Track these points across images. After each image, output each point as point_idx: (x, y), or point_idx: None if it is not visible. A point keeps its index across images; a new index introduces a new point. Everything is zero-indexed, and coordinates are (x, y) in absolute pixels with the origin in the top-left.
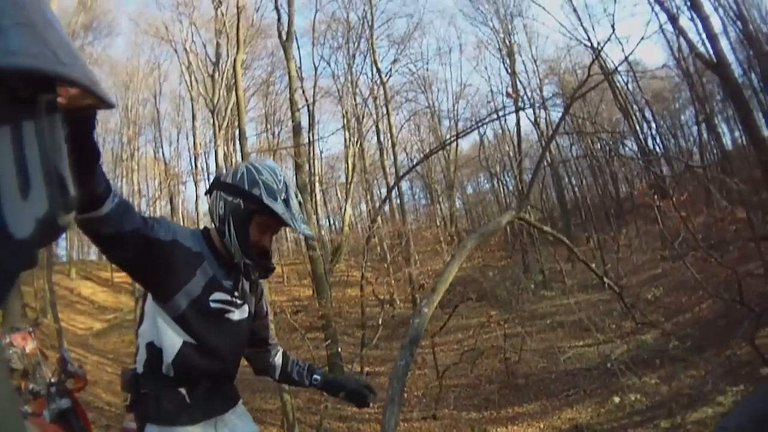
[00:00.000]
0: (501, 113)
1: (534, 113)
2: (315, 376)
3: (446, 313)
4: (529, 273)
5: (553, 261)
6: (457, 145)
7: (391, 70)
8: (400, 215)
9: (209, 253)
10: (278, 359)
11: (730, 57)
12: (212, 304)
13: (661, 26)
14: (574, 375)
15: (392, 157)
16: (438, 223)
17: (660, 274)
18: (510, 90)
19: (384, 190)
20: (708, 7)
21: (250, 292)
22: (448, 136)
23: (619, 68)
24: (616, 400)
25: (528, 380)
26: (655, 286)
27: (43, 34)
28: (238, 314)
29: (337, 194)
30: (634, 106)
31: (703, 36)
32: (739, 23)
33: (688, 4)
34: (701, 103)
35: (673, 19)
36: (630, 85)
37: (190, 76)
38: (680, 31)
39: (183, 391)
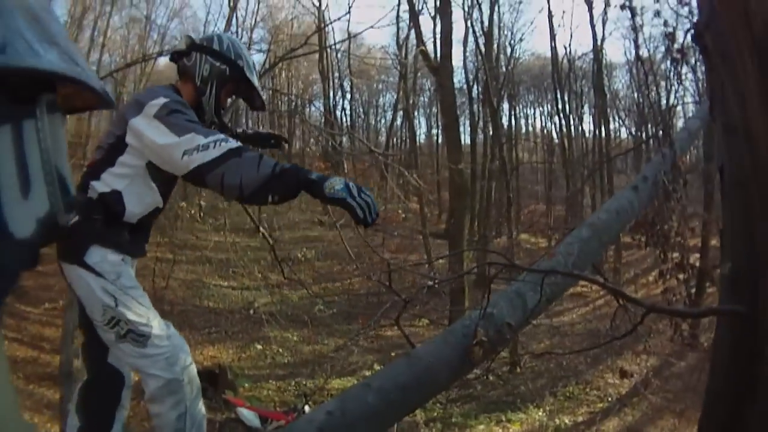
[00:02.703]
0: None
1: None
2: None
3: None
4: (187, 202)
5: (213, 197)
6: (154, 61)
7: None
8: (87, 116)
9: None
10: None
11: (460, 62)
12: None
13: (398, 14)
14: (217, 314)
15: (98, 57)
16: None
17: (316, 237)
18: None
19: None
20: (458, 14)
21: None
22: (152, 50)
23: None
24: (258, 347)
25: (173, 309)
26: (308, 247)
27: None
28: None
29: None
30: (336, 73)
31: (438, 37)
32: (482, 39)
33: (437, 4)
34: (405, 94)
35: (414, 13)
36: (339, 54)
37: None
38: (415, 25)
39: (126, 229)
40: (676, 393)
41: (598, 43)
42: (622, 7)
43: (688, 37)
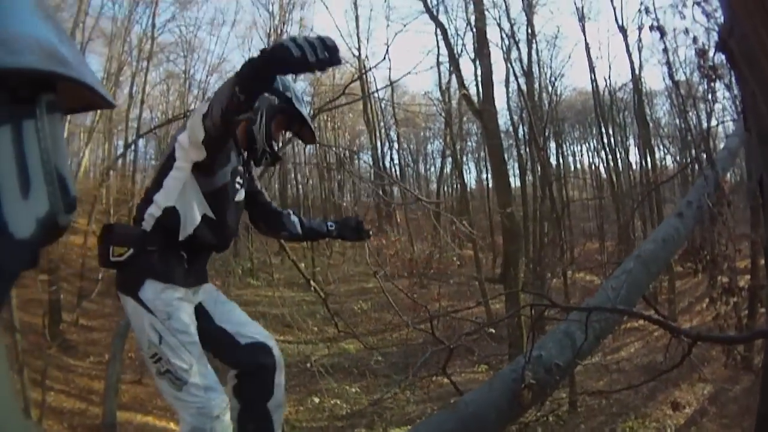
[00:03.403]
0: None
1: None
2: (329, 223)
3: None
4: (239, 258)
5: (263, 252)
6: None
7: (165, 26)
8: (131, 173)
9: (232, 141)
10: (295, 218)
11: (504, 104)
12: (234, 185)
13: (438, 59)
14: None
15: (138, 113)
16: None
17: (370, 288)
18: None
19: (122, 143)
20: (497, 54)
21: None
22: (193, 106)
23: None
24: (316, 400)
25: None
26: (364, 299)
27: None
28: (239, 196)
29: (80, 136)
30: (381, 123)
31: (479, 79)
32: (523, 79)
33: (475, 46)
34: (452, 139)
35: (453, 57)
36: (383, 103)
37: None
38: (455, 69)
39: (185, 256)
40: (733, 418)
41: (636, 71)
42: (651, 28)
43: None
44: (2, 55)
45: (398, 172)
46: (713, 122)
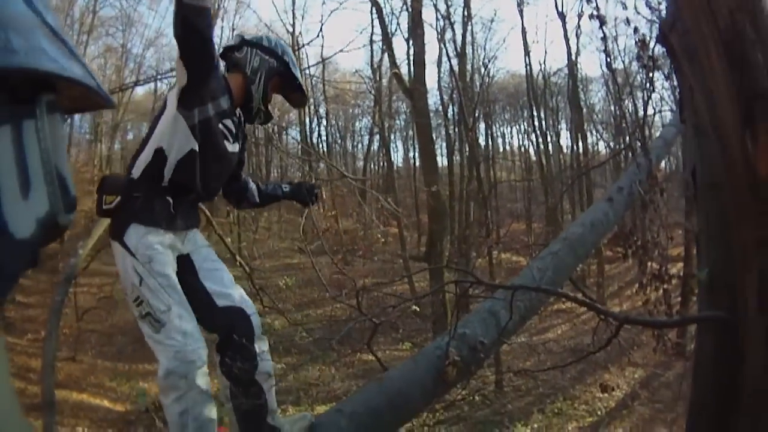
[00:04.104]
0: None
1: None
2: (285, 186)
3: (90, 256)
4: None
5: None
6: (132, 90)
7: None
8: (66, 145)
9: (226, 92)
10: (253, 186)
11: (435, 84)
12: (220, 126)
13: (371, 38)
14: None
15: None
16: (95, 163)
17: (296, 264)
18: None
19: None
20: (431, 35)
21: (241, 138)
22: (129, 80)
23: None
24: None
25: None
26: (288, 275)
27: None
28: (231, 147)
29: None
30: (311, 99)
31: (412, 59)
32: (456, 59)
33: (410, 26)
34: (381, 118)
35: (387, 36)
36: (313, 80)
37: None
38: (388, 48)
39: (170, 200)
40: (666, 403)
41: (573, 57)
42: (591, 16)
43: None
44: (2, 55)
45: (326, 149)
46: (650, 111)
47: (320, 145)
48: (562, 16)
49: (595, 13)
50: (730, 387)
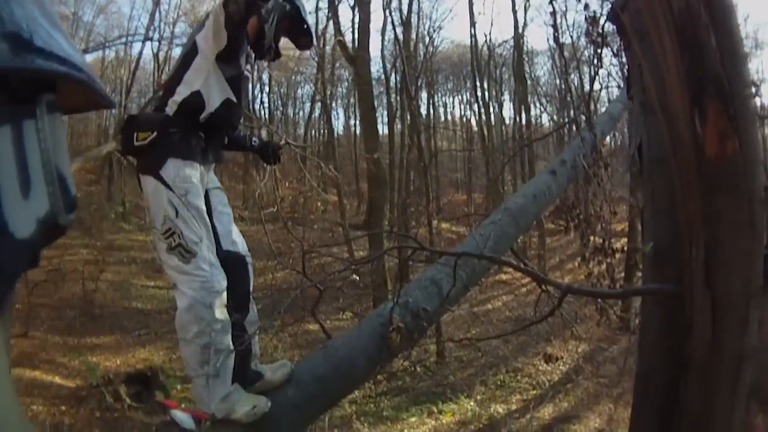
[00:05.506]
0: (129, 39)
1: (158, 46)
2: (254, 139)
3: None
4: (111, 202)
5: (136, 195)
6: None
7: None
8: None
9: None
10: None
11: (378, 52)
12: (245, 72)
13: (317, 4)
14: (145, 314)
15: None
16: None
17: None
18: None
19: None
20: (377, 3)
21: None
22: (79, 47)
23: None
24: None
25: (103, 311)
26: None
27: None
28: (249, 81)
29: None
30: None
31: (356, 27)
32: (400, 28)
33: None
34: (323, 85)
35: (332, 3)
36: None
37: None
38: (333, 15)
39: (202, 135)
40: (611, 377)
41: (520, 29)
42: None
43: None
44: (2, 55)
45: (267, 115)
46: (596, 86)
47: (262, 112)
48: None
49: None
50: (677, 358)
